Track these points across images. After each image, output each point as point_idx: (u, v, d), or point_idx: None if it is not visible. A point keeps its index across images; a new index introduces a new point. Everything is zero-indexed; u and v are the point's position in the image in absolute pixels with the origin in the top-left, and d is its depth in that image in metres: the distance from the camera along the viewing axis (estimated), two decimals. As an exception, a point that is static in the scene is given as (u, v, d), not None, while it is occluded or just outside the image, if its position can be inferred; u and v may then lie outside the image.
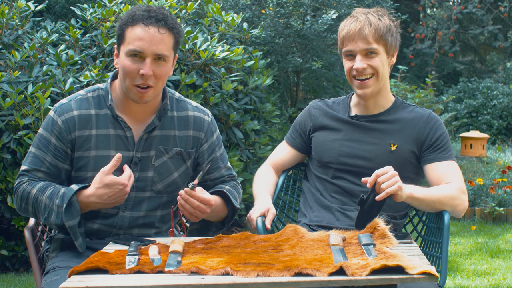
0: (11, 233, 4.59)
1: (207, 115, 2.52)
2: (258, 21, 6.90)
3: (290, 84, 7.85)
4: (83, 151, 2.34)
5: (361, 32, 2.50)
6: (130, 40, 2.27)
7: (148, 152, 2.39)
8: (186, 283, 1.78)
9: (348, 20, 2.57)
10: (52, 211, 2.25)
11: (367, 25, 2.51)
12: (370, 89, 2.55)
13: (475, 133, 8.90)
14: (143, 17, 2.27)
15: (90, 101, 2.38)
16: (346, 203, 2.55)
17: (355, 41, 2.52)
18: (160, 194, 2.42)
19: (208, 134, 2.49)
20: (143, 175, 2.39)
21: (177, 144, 2.43)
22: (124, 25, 2.29)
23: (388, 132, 2.60)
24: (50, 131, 2.34)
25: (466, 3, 13.66)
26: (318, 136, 2.69)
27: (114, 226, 2.39)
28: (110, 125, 2.36)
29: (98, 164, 2.32)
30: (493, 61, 14.35)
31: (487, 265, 4.76)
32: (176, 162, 2.43)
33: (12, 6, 4.81)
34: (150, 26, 2.26)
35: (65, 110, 2.35)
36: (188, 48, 4.67)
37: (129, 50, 2.27)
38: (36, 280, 2.42)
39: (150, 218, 2.43)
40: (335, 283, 1.80)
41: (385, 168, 2.28)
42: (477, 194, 6.46)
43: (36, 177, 2.33)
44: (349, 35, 2.53)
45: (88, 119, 2.35)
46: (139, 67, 2.27)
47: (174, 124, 2.43)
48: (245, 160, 5.18)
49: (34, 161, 2.34)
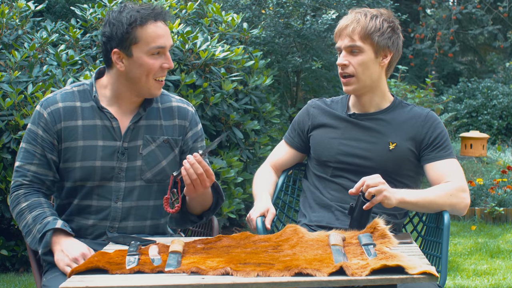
0: (11, 233, 4.58)
1: (190, 106, 2.57)
2: (258, 21, 6.90)
3: (290, 84, 7.85)
4: (70, 141, 2.38)
5: (348, 29, 2.54)
6: (149, 39, 2.32)
7: (135, 142, 2.42)
8: (186, 283, 1.78)
9: (342, 18, 2.60)
10: (31, 233, 2.31)
11: (354, 23, 2.54)
12: (352, 87, 2.57)
13: (475, 133, 8.91)
14: (149, 15, 2.33)
15: (76, 94, 2.43)
16: (346, 201, 2.55)
17: (342, 38, 2.56)
18: (150, 183, 2.44)
19: (192, 123, 2.53)
20: (132, 164, 2.41)
21: (164, 133, 2.47)
22: (131, 26, 2.31)
23: (386, 130, 2.60)
24: (37, 124, 2.39)
25: (465, 3, 13.66)
26: (316, 135, 2.69)
27: (107, 219, 2.40)
28: (96, 115, 2.40)
29: (86, 154, 2.37)
30: (493, 61, 14.35)
31: (487, 265, 4.76)
32: (164, 150, 2.46)
33: (12, 6, 4.81)
34: (159, 22, 2.35)
35: (51, 102, 2.40)
36: (188, 48, 4.67)
37: (152, 48, 2.33)
38: (35, 280, 2.42)
39: (142, 208, 2.44)
40: (335, 283, 1.80)
41: (374, 175, 2.32)
42: (477, 194, 6.46)
43: (29, 174, 2.36)
44: (338, 31, 2.58)
45: (73, 110, 2.40)
46: (162, 62, 2.35)
47: (160, 114, 2.48)
48: (245, 160, 5.18)
49: (25, 155, 2.38)
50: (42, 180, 2.38)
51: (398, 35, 2.61)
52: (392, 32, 2.57)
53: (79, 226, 2.41)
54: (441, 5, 14.58)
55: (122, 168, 2.39)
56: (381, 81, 2.62)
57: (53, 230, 2.26)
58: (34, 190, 2.37)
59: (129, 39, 2.32)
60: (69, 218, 2.42)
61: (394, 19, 2.61)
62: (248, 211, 2.58)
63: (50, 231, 2.26)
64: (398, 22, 2.62)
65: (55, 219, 2.30)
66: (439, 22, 14.18)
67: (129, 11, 2.33)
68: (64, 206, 2.44)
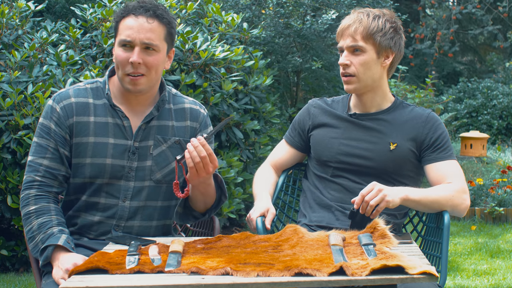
0: (11, 233, 4.59)
1: (203, 109, 2.57)
2: (258, 21, 6.90)
3: (290, 84, 7.85)
4: (81, 137, 2.38)
5: (350, 29, 2.54)
6: (121, 31, 2.35)
7: (146, 142, 2.42)
8: (186, 283, 1.78)
9: (345, 17, 2.60)
10: (34, 240, 2.30)
11: (357, 23, 2.54)
12: (353, 86, 2.57)
13: (475, 133, 8.91)
14: (133, 7, 2.35)
15: (88, 91, 2.44)
16: (346, 201, 2.55)
17: (344, 38, 2.56)
18: (159, 184, 2.44)
19: (203, 126, 2.53)
20: (142, 164, 2.41)
21: (175, 134, 2.47)
22: (118, 18, 2.38)
23: (387, 131, 2.60)
24: (49, 118, 2.39)
25: (465, 3, 13.66)
26: (317, 134, 2.69)
27: (114, 217, 2.40)
28: (108, 113, 2.41)
29: (96, 151, 2.37)
30: (493, 61, 14.35)
31: (487, 265, 4.76)
32: (175, 151, 2.45)
33: (12, 6, 4.81)
34: (140, 16, 2.34)
35: (63, 97, 2.41)
36: (188, 48, 4.67)
37: (120, 40, 2.34)
38: (35, 280, 2.42)
39: (150, 209, 2.44)
40: (335, 283, 1.80)
41: (370, 185, 2.31)
42: (477, 194, 6.46)
43: (42, 168, 2.35)
44: (340, 31, 2.58)
45: (85, 106, 2.40)
46: (129, 56, 2.33)
47: (172, 115, 2.48)
48: (245, 160, 5.18)
49: (38, 150, 2.38)
50: (55, 175, 2.37)
51: (401, 36, 2.61)
52: (394, 33, 2.57)
53: (84, 222, 2.41)
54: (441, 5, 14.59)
55: (132, 167, 2.39)
56: (383, 81, 2.62)
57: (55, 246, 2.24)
58: (45, 192, 2.35)
59: (115, 30, 2.39)
60: (76, 213, 2.42)
61: (397, 19, 2.61)
62: (248, 211, 2.58)
63: (51, 247, 2.24)
64: (400, 23, 2.62)
65: (60, 230, 2.28)
66: (439, 22, 14.19)
67: (125, 4, 2.41)
68: (72, 202, 2.44)
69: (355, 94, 2.64)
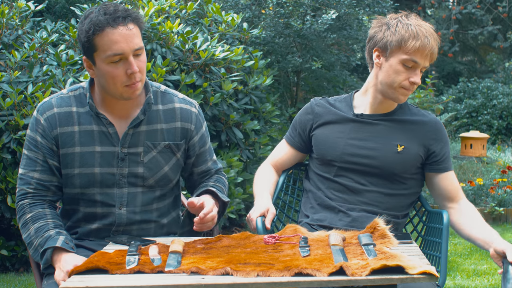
0: (11, 233, 4.59)
1: (194, 107, 2.51)
2: (258, 21, 6.90)
3: (290, 84, 7.85)
4: (67, 147, 2.35)
5: (432, 53, 2.52)
6: (106, 47, 2.22)
7: (136, 148, 2.39)
8: (186, 283, 1.78)
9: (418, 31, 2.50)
10: (32, 245, 2.30)
11: (435, 48, 2.52)
12: (406, 97, 2.59)
13: (475, 133, 8.90)
14: (107, 21, 2.22)
15: (72, 99, 2.39)
16: (349, 201, 2.55)
17: (425, 59, 2.51)
18: (152, 189, 2.43)
19: (197, 126, 2.50)
20: (133, 171, 2.38)
21: (165, 138, 2.43)
22: (90, 36, 2.23)
23: (394, 132, 2.60)
24: (35, 130, 2.37)
25: (465, 3, 13.66)
26: (321, 134, 2.68)
27: (113, 225, 2.39)
28: (93, 121, 2.37)
29: (84, 160, 2.34)
30: (493, 61, 14.35)
31: (487, 265, 4.76)
32: (166, 155, 2.43)
33: (12, 6, 4.81)
34: (119, 27, 2.23)
35: (46, 108, 2.38)
36: (188, 48, 4.67)
37: (108, 55, 2.23)
38: (36, 280, 2.42)
39: (147, 213, 2.43)
40: (335, 283, 1.80)
41: None
42: (477, 194, 6.46)
43: (33, 181, 2.34)
44: (423, 50, 2.49)
45: (69, 116, 2.36)
46: (125, 69, 2.25)
47: (160, 117, 2.43)
48: (245, 160, 5.18)
49: (28, 163, 2.36)
50: (47, 186, 2.36)
51: None
52: None
53: (84, 231, 2.41)
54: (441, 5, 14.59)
55: (123, 174, 2.37)
56: None
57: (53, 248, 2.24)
58: (40, 200, 2.35)
59: (89, 47, 2.25)
60: (75, 224, 2.42)
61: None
62: (248, 211, 2.58)
63: (50, 249, 2.24)
64: None
65: (57, 232, 2.27)
66: (439, 22, 14.18)
67: (90, 19, 2.25)
68: (69, 212, 2.43)
69: (375, 97, 2.61)
